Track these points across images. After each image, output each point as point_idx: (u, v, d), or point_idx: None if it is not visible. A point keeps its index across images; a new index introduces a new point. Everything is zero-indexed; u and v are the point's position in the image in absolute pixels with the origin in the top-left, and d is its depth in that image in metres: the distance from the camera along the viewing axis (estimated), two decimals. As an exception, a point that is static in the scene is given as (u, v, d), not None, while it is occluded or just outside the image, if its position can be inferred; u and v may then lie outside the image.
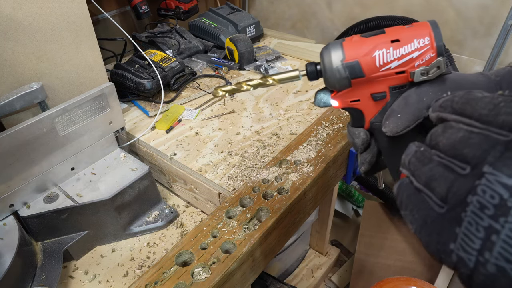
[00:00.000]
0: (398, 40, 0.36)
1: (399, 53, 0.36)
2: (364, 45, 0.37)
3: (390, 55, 0.36)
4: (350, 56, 0.37)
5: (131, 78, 0.88)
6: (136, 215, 0.70)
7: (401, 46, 0.36)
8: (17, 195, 0.61)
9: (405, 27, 0.36)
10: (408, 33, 0.36)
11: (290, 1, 1.54)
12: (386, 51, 0.36)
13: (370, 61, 0.36)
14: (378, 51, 0.36)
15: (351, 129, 0.42)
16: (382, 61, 0.36)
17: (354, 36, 0.38)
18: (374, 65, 0.36)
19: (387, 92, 0.38)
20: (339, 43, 0.38)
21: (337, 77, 0.38)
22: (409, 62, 0.36)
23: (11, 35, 0.63)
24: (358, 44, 0.37)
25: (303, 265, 1.21)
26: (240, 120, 0.85)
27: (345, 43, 0.38)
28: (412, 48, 0.35)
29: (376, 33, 0.37)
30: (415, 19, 1.21)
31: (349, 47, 0.37)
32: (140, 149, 0.81)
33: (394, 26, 0.38)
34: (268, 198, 0.60)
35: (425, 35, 0.35)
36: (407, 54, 0.36)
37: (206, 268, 0.50)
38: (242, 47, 1.05)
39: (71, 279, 0.63)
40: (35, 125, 0.59)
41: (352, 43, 0.37)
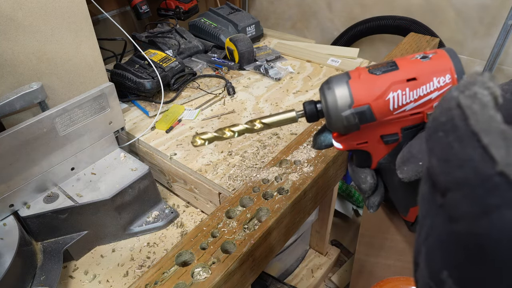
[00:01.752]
0: (415, 79, 0.31)
1: (416, 94, 0.31)
2: (376, 86, 0.31)
3: (406, 97, 0.31)
4: (360, 100, 0.31)
5: (131, 78, 0.88)
6: (136, 215, 0.70)
7: (418, 86, 0.31)
8: (17, 195, 0.61)
9: (421, 59, 0.31)
10: (425, 69, 0.31)
11: (290, 1, 1.54)
12: (401, 92, 0.31)
13: (383, 104, 0.31)
14: (393, 93, 0.31)
15: (355, 169, 0.38)
16: (396, 104, 0.31)
17: (361, 71, 0.33)
18: (388, 109, 0.31)
19: (399, 133, 0.33)
20: (344, 81, 0.32)
21: (344, 124, 0.32)
22: (427, 103, 0.31)
23: (11, 35, 0.63)
24: (368, 84, 0.31)
25: (303, 265, 1.21)
26: (240, 120, 0.85)
27: (352, 82, 0.32)
28: (431, 88, 0.31)
29: (388, 68, 0.32)
30: (415, 19, 1.21)
31: (357, 88, 0.32)
32: (140, 149, 0.81)
33: (406, 58, 0.32)
34: (268, 198, 0.60)
35: (446, 72, 0.31)
36: (425, 95, 0.31)
37: (206, 268, 0.50)
38: (242, 47, 1.05)
39: (71, 279, 0.63)
40: (35, 125, 0.59)
41: (361, 83, 0.32)
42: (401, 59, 0.32)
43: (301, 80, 1.01)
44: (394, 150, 0.35)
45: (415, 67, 0.31)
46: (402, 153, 0.33)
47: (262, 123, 0.36)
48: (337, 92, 0.32)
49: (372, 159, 0.36)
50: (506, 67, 1.15)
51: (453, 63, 0.31)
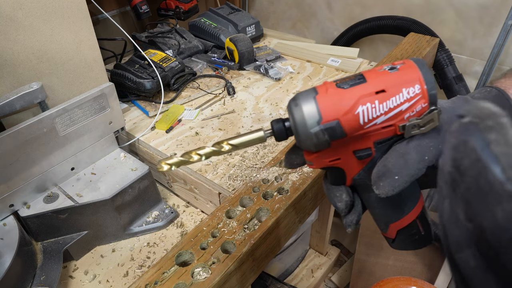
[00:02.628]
0: (384, 91, 0.30)
1: (386, 106, 0.30)
2: (344, 100, 0.30)
3: (375, 110, 0.30)
4: (328, 116, 0.30)
5: (131, 78, 0.88)
6: (136, 215, 0.70)
7: (388, 98, 0.30)
8: (17, 195, 0.61)
9: (388, 70, 0.31)
10: (394, 80, 0.30)
11: (290, 1, 1.54)
12: (371, 105, 0.30)
13: (352, 119, 0.30)
14: (362, 107, 0.30)
15: (330, 187, 0.36)
16: (366, 118, 0.30)
17: (328, 86, 0.31)
18: (358, 123, 0.30)
19: (372, 148, 0.33)
20: (311, 96, 0.31)
21: (314, 141, 0.31)
22: (398, 115, 0.30)
23: (11, 35, 0.63)
24: (336, 99, 0.30)
25: (303, 265, 1.21)
26: (240, 120, 0.85)
27: (319, 97, 0.31)
28: (401, 100, 0.30)
29: (355, 82, 0.31)
30: (415, 19, 1.21)
31: (325, 103, 0.30)
32: (140, 149, 0.81)
33: (375, 69, 0.32)
34: (268, 198, 0.60)
35: (415, 82, 0.30)
36: (395, 107, 0.30)
37: (206, 268, 0.50)
38: (242, 47, 1.05)
39: (71, 279, 0.63)
40: (35, 125, 0.59)
41: (328, 97, 0.31)
42: (369, 72, 0.32)
43: (301, 80, 1.01)
44: (368, 165, 0.34)
45: (383, 79, 0.30)
46: (377, 168, 0.32)
47: (230, 144, 0.34)
48: (305, 108, 0.31)
49: (346, 176, 0.35)
50: (506, 67, 1.15)
51: (421, 73, 0.30)
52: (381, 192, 0.31)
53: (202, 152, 0.35)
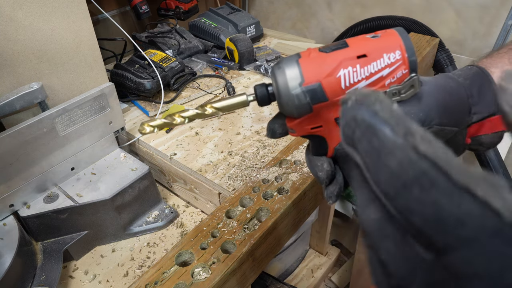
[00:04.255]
0: (365, 56, 0.30)
1: (367, 71, 0.30)
2: (326, 63, 0.30)
3: (357, 74, 0.30)
4: (310, 78, 0.30)
5: (131, 78, 0.88)
6: (136, 215, 0.70)
7: (369, 62, 0.30)
8: (17, 195, 0.61)
9: (370, 37, 0.31)
10: (375, 45, 0.30)
11: (290, 1, 1.54)
12: (352, 69, 0.30)
13: (334, 82, 0.30)
14: (343, 70, 0.30)
15: (311, 158, 0.36)
16: (348, 82, 0.30)
17: (311, 50, 0.32)
18: (339, 87, 0.30)
19: None
20: (294, 60, 0.31)
21: (296, 103, 0.31)
22: (379, 81, 0.31)
23: (11, 35, 0.63)
24: (318, 62, 0.31)
25: (303, 265, 1.21)
26: (240, 120, 0.85)
27: (302, 61, 0.31)
28: (382, 65, 0.30)
29: (338, 46, 0.31)
30: (415, 19, 1.21)
31: (307, 66, 0.31)
32: (140, 149, 0.81)
33: (356, 37, 0.32)
34: (268, 198, 0.60)
35: (395, 48, 0.30)
36: (376, 72, 0.30)
37: (206, 268, 0.50)
38: (242, 47, 1.05)
39: (71, 279, 0.63)
40: (35, 125, 0.59)
41: (311, 60, 0.31)
42: (351, 39, 0.32)
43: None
44: None
45: (365, 44, 0.31)
46: None
47: (213, 107, 0.34)
48: (287, 71, 0.31)
49: (328, 145, 0.35)
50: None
51: (402, 40, 0.30)
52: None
53: (185, 114, 0.35)
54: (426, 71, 1.13)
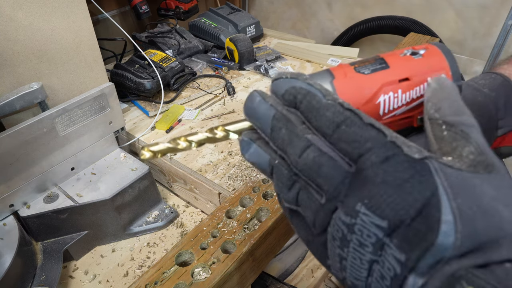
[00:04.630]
0: (408, 79, 0.27)
1: (408, 97, 0.27)
2: (365, 87, 0.27)
3: (398, 100, 0.27)
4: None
5: (131, 78, 0.88)
6: (136, 215, 0.70)
7: (411, 87, 0.27)
8: (17, 195, 0.61)
9: (411, 55, 0.28)
10: (418, 67, 0.27)
11: (290, 1, 1.54)
12: (393, 95, 0.27)
13: (372, 109, 0.27)
14: (384, 96, 0.27)
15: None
16: (387, 109, 0.27)
17: (345, 69, 0.28)
18: (377, 113, 0.28)
19: None
20: (327, 80, 0.28)
21: None
22: (418, 107, 0.28)
23: (11, 35, 0.63)
24: (356, 85, 0.27)
25: (303, 265, 1.21)
26: (240, 120, 0.85)
27: (337, 83, 0.27)
28: (425, 90, 0.27)
29: (377, 66, 0.28)
30: (415, 19, 1.21)
31: (344, 90, 0.27)
32: (140, 149, 0.81)
33: (395, 53, 0.29)
34: (268, 198, 0.60)
35: (440, 71, 0.27)
36: (418, 98, 0.27)
37: (206, 268, 0.50)
38: (242, 47, 1.05)
39: (71, 279, 0.63)
40: (35, 125, 0.59)
41: (348, 83, 0.27)
42: (389, 56, 0.29)
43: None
44: None
45: (407, 65, 0.28)
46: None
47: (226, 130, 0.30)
48: None
49: None
50: (506, 67, 1.15)
51: (447, 62, 0.28)
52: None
53: (193, 138, 0.30)
54: (426, 71, 1.13)
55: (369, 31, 1.33)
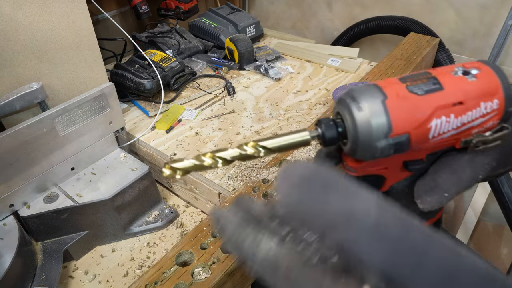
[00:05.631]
0: (461, 103, 0.26)
1: (459, 121, 0.26)
2: (419, 110, 0.25)
3: (449, 125, 0.26)
4: (399, 128, 0.25)
5: (131, 78, 0.88)
6: (136, 215, 0.70)
7: (464, 112, 0.26)
8: (17, 195, 0.61)
9: (464, 76, 0.27)
10: (473, 91, 0.26)
11: (290, 1, 1.54)
12: (445, 119, 0.26)
13: (423, 133, 0.26)
14: (436, 120, 0.26)
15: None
16: (437, 132, 0.26)
17: (397, 88, 0.26)
18: (426, 137, 0.26)
19: (424, 159, 0.29)
20: (379, 100, 0.25)
21: (376, 155, 0.26)
22: (466, 131, 0.27)
23: (11, 35, 0.63)
24: (409, 107, 0.25)
25: (303, 265, 1.21)
26: (240, 120, 0.85)
27: (390, 103, 0.25)
28: (476, 115, 0.26)
29: (431, 87, 0.26)
30: (415, 19, 1.21)
31: (397, 112, 0.25)
32: (140, 149, 0.81)
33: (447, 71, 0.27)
34: (268, 198, 0.60)
35: (494, 96, 0.26)
36: (468, 122, 0.26)
37: (206, 268, 0.50)
38: (242, 47, 1.05)
39: (71, 279, 0.63)
40: (35, 125, 0.59)
41: (401, 104, 0.25)
42: (441, 74, 0.27)
43: (301, 80, 1.01)
44: (415, 175, 0.30)
45: (461, 88, 0.26)
46: (425, 181, 0.29)
47: (261, 146, 0.27)
48: (372, 116, 0.25)
49: (385, 183, 0.31)
50: (506, 67, 1.15)
51: (502, 85, 0.26)
52: (425, 207, 0.29)
53: (222, 154, 0.27)
54: (426, 71, 1.13)
55: (369, 31, 1.33)
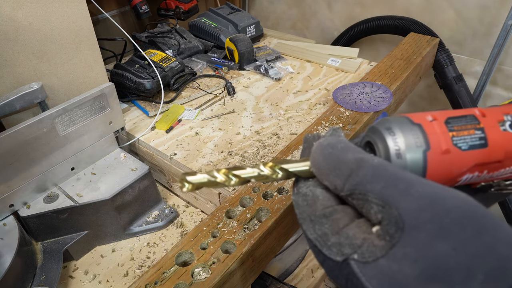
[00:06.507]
0: (500, 162, 0.25)
1: (490, 176, 0.26)
2: (457, 166, 0.24)
3: (479, 178, 0.26)
4: (431, 179, 0.25)
5: (131, 78, 0.88)
6: (136, 215, 0.70)
7: (498, 169, 0.25)
8: (17, 195, 0.61)
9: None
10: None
11: (290, 1, 1.54)
12: (477, 174, 0.25)
13: (451, 183, 0.26)
14: (468, 175, 0.25)
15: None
16: (463, 182, 0.26)
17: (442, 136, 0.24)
18: (452, 184, 0.26)
19: None
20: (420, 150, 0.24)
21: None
22: (490, 180, 0.27)
23: (11, 35, 0.63)
24: (449, 163, 0.24)
25: (303, 265, 1.21)
26: (240, 120, 0.85)
27: (432, 156, 0.24)
28: (507, 172, 0.26)
29: (476, 143, 0.24)
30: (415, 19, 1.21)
31: (435, 167, 0.24)
32: (140, 149, 0.81)
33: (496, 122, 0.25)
34: (268, 198, 0.60)
35: None
36: (497, 177, 0.26)
37: (206, 268, 0.50)
38: (242, 47, 1.05)
39: (71, 279, 0.63)
40: (35, 125, 0.59)
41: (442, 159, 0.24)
42: (490, 126, 0.25)
43: (301, 80, 1.01)
44: None
45: (505, 148, 0.25)
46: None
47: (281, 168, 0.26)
48: (409, 163, 0.24)
49: None
50: (506, 67, 1.15)
51: None
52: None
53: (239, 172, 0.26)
54: (426, 71, 1.13)
55: (369, 31, 1.33)
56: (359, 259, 0.21)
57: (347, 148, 0.25)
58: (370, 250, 0.21)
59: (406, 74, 0.91)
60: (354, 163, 0.23)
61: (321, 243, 0.23)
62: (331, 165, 0.25)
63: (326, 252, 0.22)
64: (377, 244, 0.21)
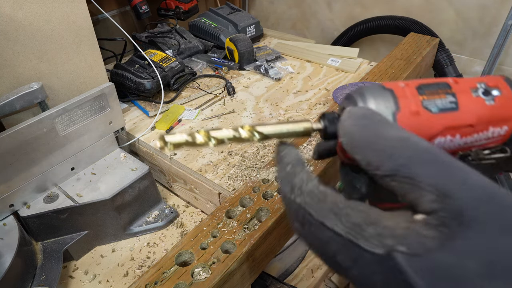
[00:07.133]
0: (471, 126, 0.25)
1: (463, 141, 0.26)
2: (427, 128, 0.25)
3: (452, 143, 0.26)
4: None
5: (131, 78, 0.88)
6: (136, 215, 0.70)
7: (470, 134, 0.26)
8: (17, 195, 0.61)
9: (483, 97, 0.26)
10: (486, 115, 0.25)
11: (290, 1, 1.54)
12: (450, 139, 0.25)
13: None
14: (440, 138, 0.25)
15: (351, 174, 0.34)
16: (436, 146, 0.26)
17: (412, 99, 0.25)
18: None
19: None
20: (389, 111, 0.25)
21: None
22: (467, 148, 0.27)
23: (11, 35, 0.63)
24: (418, 124, 0.25)
25: (303, 265, 1.21)
26: (240, 120, 0.85)
27: (401, 118, 0.25)
28: (482, 138, 0.26)
29: (446, 106, 0.25)
30: (415, 19, 1.21)
31: (405, 125, 0.25)
32: (140, 149, 0.81)
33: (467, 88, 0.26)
34: (268, 198, 0.60)
35: (505, 123, 0.26)
36: (471, 143, 0.26)
37: (206, 268, 0.50)
38: (242, 47, 1.05)
39: (71, 279, 0.63)
40: (35, 125, 0.59)
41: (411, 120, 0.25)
42: (462, 91, 0.26)
43: (301, 80, 1.01)
44: None
45: (477, 112, 0.25)
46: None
47: (256, 131, 0.27)
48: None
49: None
50: (506, 67, 1.15)
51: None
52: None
53: (215, 134, 0.27)
54: (426, 71, 1.13)
55: (369, 31, 1.33)
56: (407, 251, 0.19)
57: (386, 123, 0.23)
58: (419, 241, 0.19)
59: (406, 74, 0.91)
60: (397, 142, 0.22)
61: (356, 235, 0.20)
62: (367, 138, 0.23)
63: (363, 244, 0.20)
64: (427, 235, 0.19)
